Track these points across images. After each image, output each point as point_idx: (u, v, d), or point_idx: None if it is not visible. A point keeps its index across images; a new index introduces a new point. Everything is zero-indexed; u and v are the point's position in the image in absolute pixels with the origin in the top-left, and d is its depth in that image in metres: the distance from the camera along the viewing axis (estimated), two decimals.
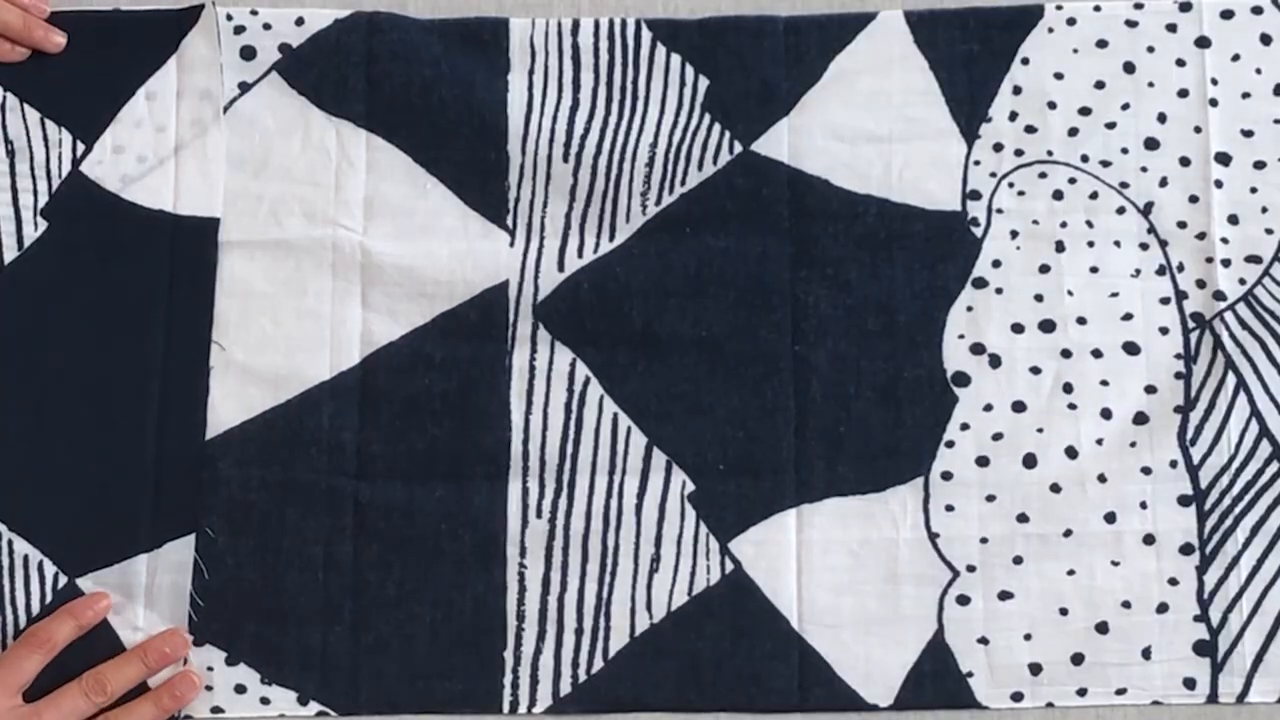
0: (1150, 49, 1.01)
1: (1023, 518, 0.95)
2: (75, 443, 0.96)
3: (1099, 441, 0.96)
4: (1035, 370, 0.97)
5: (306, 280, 0.98)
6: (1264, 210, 0.99)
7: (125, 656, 0.93)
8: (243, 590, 0.94)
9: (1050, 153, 1.00)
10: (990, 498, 0.96)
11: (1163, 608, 0.94)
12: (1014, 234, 0.99)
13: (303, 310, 0.98)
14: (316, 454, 0.96)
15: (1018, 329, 0.98)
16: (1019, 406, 0.97)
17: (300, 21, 1.00)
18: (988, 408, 0.97)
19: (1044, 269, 0.98)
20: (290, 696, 0.94)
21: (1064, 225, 0.99)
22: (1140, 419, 0.96)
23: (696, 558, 0.96)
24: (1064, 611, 0.94)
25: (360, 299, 0.98)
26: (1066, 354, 0.97)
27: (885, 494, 0.96)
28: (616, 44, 1.01)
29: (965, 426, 0.96)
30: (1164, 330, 0.97)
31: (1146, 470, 0.95)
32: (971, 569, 0.95)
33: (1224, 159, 0.99)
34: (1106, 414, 0.96)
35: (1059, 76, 1.00)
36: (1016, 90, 1.00)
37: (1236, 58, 1.01)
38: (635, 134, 1.00)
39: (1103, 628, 0.94)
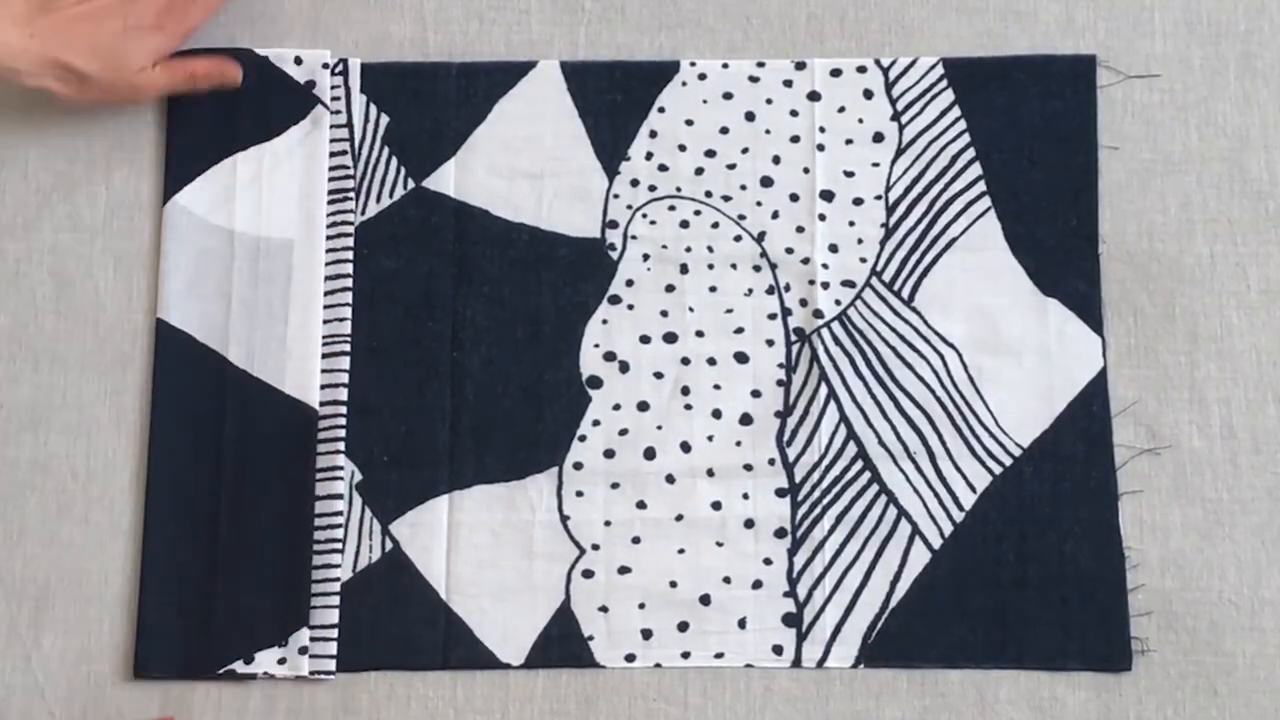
0: (769, 100, 1.12)
1: (641, 504, 1.06)
2: None
3: (710, 439, 1.07)
4: (658, 375, 1.08)
5: None
6: (859, 241, 1.10)
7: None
8: None
9: (679, 189, 1.11)
10: (615, 485, 1.07)
11: (757, 584, 1.05)
12: (645, 257, 1.10)
13: None
14: None
15: (645, 340, 1.09)
16: (643, 406, 1.08)
17: None
18: (616, 407, 1.08)
19: (670, 288, 1.10)
20: None
21: (689, 250, 1.10)
22: (746, 420, 1.08)
23: (361, 539, 1.06)
24: (674, 584, 1.05)
25: None
26: (686, 361, 1.08)
27: (525, 481, 1.07)
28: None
29: (596, 423, 1.08)
30: (770, 342, 1.09)
31: (749, 466, 1.07)
32: (596, 547, 1.06)
33: (828, 195, 1.10)
34: (717, 414, 1.08)
35: (690, 123, 1.12)
36: (653, 134, 1.12)
37: (842, 109, 1.12)
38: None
39: (706, 600, 1.05)
